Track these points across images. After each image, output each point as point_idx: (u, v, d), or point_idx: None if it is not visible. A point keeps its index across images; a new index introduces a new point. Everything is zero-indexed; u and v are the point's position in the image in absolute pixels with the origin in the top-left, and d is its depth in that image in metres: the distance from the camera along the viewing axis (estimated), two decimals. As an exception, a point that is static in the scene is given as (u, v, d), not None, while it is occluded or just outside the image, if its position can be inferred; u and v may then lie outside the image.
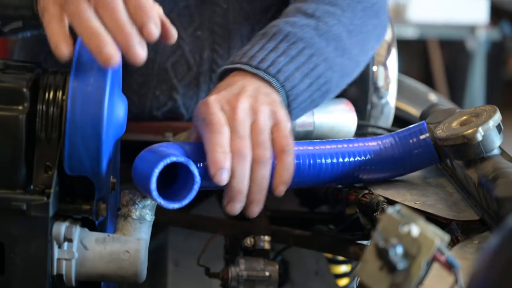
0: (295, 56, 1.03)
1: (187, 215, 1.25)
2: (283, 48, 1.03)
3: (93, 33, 0.79)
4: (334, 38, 1.07)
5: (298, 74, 1.02)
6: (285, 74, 1.01)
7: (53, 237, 0.80)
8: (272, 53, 1.02)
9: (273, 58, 1.01)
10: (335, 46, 1.07)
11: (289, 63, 1.02)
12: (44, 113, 0.81)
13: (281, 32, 1.05)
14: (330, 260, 1.40)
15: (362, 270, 0.66)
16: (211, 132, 0.89)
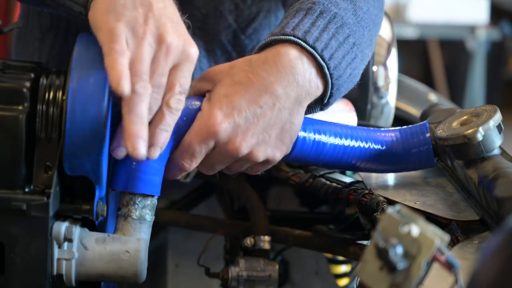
0: (342, 42, 0.97)
1: (187, 215, 1.25)
2: (333, 31, 0.96)
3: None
4: (366, 27, 1.02)
5: (344, 63, 0.97)
6: (335, 62, 0.95)
7: (53, 237, 0.80)
8: (324, 33, 0.95)
9: (326, 40, 0.95)
10: (367, 36, 1.03)
11: (338, 49, 0.96)
12: (44, 113, 0.81)
13: (328, 12, 0.98)
14: (330, 260, 1.40)
15: (362, 270, 0.66)
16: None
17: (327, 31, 0.96)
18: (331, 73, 0.94)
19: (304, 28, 0.95)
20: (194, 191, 1.31)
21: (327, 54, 0.94)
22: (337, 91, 0.97)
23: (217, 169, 0.93)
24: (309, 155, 0.98)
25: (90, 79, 0.80)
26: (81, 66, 0.81)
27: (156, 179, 0.88)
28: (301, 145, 0.96)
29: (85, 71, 0.80)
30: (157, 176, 0.88)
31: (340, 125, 1.01)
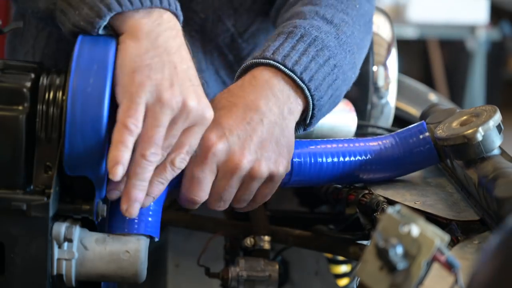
0: (322, 65, 0.99)
1: (187, 215, 1.25)
2: (312, 54, 0.99)
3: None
4: (349, 50, 1.05)
5: (325, 85, 0.99)
6: (315, 83, 0.97)
7: (53, 237, 0.80)
8: (304, 56, 0.98)
9: (305, 62, 0.98)
10: (349, 59, 1.05)
11: (318, 71, 0.98)
12: (44, 113, 0.81)
13: (308, 35, 1.00)
14: (330, 260, 1.40)
15: (362, 270, 0.66)
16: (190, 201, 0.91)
17: (306, 54, 0.98)
18: (312, 94, 0.97)
19: (284, 52, 0.97)
20: (194, 191, 1.31)
21: (306, 76, 0.96)
22: (318, 112, 0.99)
23: (226, 198, 0.94)
24: (309, 178, 1.00)
25: (90, 79, 0.80)
26: (81, 66, 0.81)
27: (154, 220, 0.88)
28: (298, 170, 0.98)
29: (85, 71, 0.80)
30: (155, 217, 0.89)
31: (335, 141, 1.02)
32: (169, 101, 0.84)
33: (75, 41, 0.84)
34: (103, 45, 0.83)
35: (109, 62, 0.81)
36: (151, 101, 0.83)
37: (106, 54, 0.82)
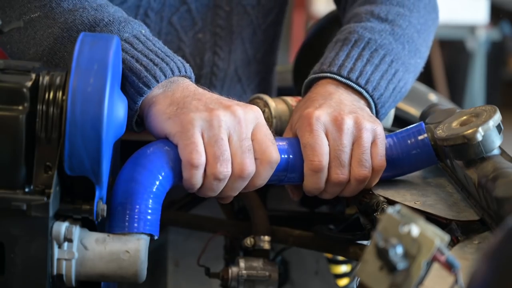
0: (378, 64, 1.08)
1: (187, 215, 1.25)
2: (367, 57, 1.08)
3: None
4: (407, 40, 1.13)
5: (383, 82, 1.08)
6: (373, 84, 1.07)
7: (53, 237, 0.80)
8: (358, 62, 1.08)
9: (360, 67, 1.07)
10: (409, 48, 1.13)
11: (374, 72, 1.08)
12: (44, 113, 0.81)
13: (362, 40, 1.10)
14: (330, 260, 1.40)
15: (362, 270, 0.66)
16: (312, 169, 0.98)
17: (361, 59, 1.08)
18: (371, 95, 1.07)
19: (339, 62, 1.08)
20: (194, 191, 1.31)
21: (362, 80, 1.06)
22: (382, 108, 1.09)
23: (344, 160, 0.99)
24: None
25: (90, 79, 0.80)
26: (81, 66, 0.81)
27: (153, 218, 0.89)
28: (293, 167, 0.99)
29: (85, 71, 0.80)
30: (154, 215, 0.89)
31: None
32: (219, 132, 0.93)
33: None
34: (103, 45, 0.83)
35: (109, 61, 0.81)
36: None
37: (106, 54, 0.82)
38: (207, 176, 0.92)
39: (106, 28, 0.99)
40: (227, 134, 0.92)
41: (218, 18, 1.27)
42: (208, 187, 0.93)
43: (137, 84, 0.95)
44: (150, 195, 0.89)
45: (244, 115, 0.94)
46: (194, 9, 1.26)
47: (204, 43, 1.27)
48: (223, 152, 0.91)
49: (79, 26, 0.99)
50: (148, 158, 0.90)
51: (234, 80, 1.32)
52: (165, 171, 0.90)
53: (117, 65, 0.88)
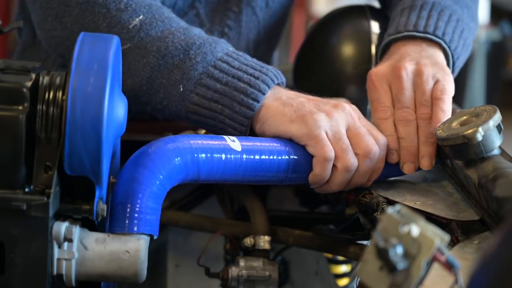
0: (448, 21, 1.15)
1: (187, 215, 1.25)
2: (436, 16, 1.15)
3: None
4: (465, 5, 1.20)
5: (456, 36, 1.14)
6: (448, 36, 1.13)
7: (53, 237, 0.80)
8: (430, 19, 1.14)
9: (433, 23, 1.14)
10: (467, 12, 1.20)
11: (447, 27, 1.14)
12: (44, 113, 0.80)
13: (427, 3, 1.16)
14: (330, 260, 1.40)
15: (362, 270, 0.66)
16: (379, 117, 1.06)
17: (432, 17, 1.14)
18: (449, 45, 1.13)
19: (413, 22, 1.14)
20: (194, 191, 1.31)
21: (439, 32, 1.13)
22: (457, 60, 1.15)
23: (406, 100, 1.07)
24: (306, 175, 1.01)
25: (90, 79, 0.80)
26: (81, 65, 0.81)
27: (153, 218, 0.89)
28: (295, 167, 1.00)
29: (85, 71, 0.80)
30: (154, 215, 0.89)
31: None
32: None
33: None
34: (103, 45, 0.83)
35: (109, 61, 0.81)
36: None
37: (106, 54, 0.82)
38: (339, 169, 0.99)
39: (200, 50, 1.04)
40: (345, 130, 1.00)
41: (227, 19, 1.28)
42: (340, 180, 0.99)
43: (247, 101, 1.01)
44: (151, 195, 0.89)
45: (350, 111, 1.02)
46: (203, 13, 1.27)
47: None
48: (348, 146, 0.99)
49: (173, 52, 1.03)
50: (149, 158, 0.90)
51: None
52: (165, 170, 0.90)
53: (117, 65, 0.88)
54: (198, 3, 1.25)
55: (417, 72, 1.06)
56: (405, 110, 1.05)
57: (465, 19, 1.18)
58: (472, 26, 1.21)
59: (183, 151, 0.92)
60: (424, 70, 1.06)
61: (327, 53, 1.32)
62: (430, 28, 1.12)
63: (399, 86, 1.06)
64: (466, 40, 1.17)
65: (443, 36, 1.13)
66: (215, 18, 1.27)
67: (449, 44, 1.13)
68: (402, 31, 1.13)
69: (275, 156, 0.98)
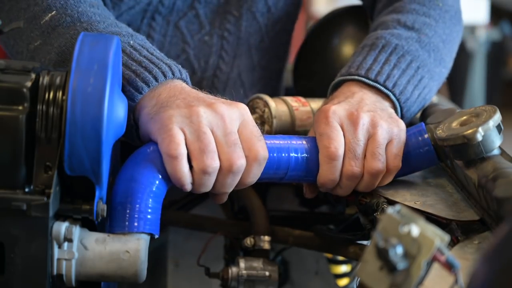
0: (405, 69, 1.10)
1: (187, 215, 1.25)
2: (394, 61, 1.10)
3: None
4: (433, 49, 1.15)
5: (409, 87, 1.10)
6: (399, 88, 1.08)
7: (53, 237, 0.80)
8: (386, 66, 1.09)
9: (387, 71, 1.09)
10: (434, 56, 1.15)
11: (401, 76, 1.09)
12: (44, 113, 0.80)
13: (389, 45, 1.12)
14: (330, 260, 1.40)
15: (362, 270, 0.66)
16: (327, 156, 0.99)
17: (388, 63, 1.10)
18: (397, 98, 1.08)
19: (367, 65, 1.09)
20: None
21: (389, 83, 1.08)
22: (407, 112, 1.10)
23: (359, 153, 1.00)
24: (305, 174, 1.01)
25: (90, 79, 0.80)
26: (81, 66, 0.81)
27: (153, 217, 0.89)
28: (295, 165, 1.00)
29: (85, 71, 0.80)
30: (155, 214, 0.89)
31: None
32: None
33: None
34: (103, 45, 0.83)
35: (109, 61, 0.81)
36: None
37: (106, 54, 0.82)
38: (196, 171, 0.90)
39: None
40: (209, 129, 0.91)
41: (227, 23, 1.27)
42: (198, 182, 0.91)
43: (129, 90, 0.95)
44: (150, 195, 0.89)
45: (228, 111, 0.93)
46: (202, 14, 1.26)
47: (210, 46, 1.27)
48: (207, 145, 0.90)
49: (70, 48, 0.99)
50: (148, 158, 0.90)
51: (237, 84, 1.32)
52: (164, 170, 0.90)
53: (117, 65, 0.88)
54: (198, 3, 1.25)
55: (373, 124, 1.01)
56: (355, 163, 0.99)
57: (428, 64, 1.13)
58: (437, 71, 1.15)
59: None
60: (379, 123, 1.01)
61: (327, 53, 1.32)
62: (382, 77, 1.08)
63: (354, 135, 1.00)
64: (424, 89, 1.12)
65: (393, 88, 1.08)
66: (215, 21, 1.27)
67: (398, 96, 1.08)
68: (353, 73, 1.09)
69: (275, 154, 0.98)
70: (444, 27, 1.19)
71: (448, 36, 1.19)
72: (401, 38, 1.13)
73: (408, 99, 1.09)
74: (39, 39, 1.03)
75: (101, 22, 1.03)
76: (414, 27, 1.16)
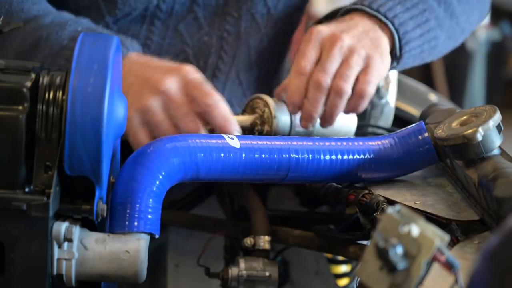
0: (410, 7, 1.13)
1: (187, 215, 1.25)
2: (400, 0, 1.13)
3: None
4: (445, 1, 1.18)
5: (412, 23, 1.13)
6: (400, 20, 1.12)
7: (53, 237, 0.80)
8: (390, 1, 1.13)
9: (391, 5, 1.12)
10: (445, 8, 1.17)
11: (405, 12, 1.12)
12: (44, 113, 0.80)
13: None
14: (330, 260, 1.39)
15: (362, 270, 0.66)
16: (296, 71, 1.05)
17: (393, 0, 1.12)
18: (396, 28, 1.11)
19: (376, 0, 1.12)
20: (194, 191, 1.31)
21: (390, 14, 1.11)
22: (406, 45, 1.12)
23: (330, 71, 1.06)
24: (306, 175, 1.00)
25: (90, 78, 0.80)
26: (81, 65, 0.81)
27: (154, 217, 0.88)
28: (296, 166, 0.99)
29: (85, 71, 0.80)
30: (155, 214, 0.89)
31: (334, 139, 1.02)
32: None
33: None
34: (103, 45, 0.83)
35: (109, 61, 0.81)
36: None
37: (106, 54, 0.82)
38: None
39: (46, 43, 1.04)
40: (162, 113, 1.01)
41: (226, 24, 1.27)
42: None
43: None
44: (151, 194, 0.89)
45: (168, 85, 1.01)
46: (201, 17, 1.26)
47: (209, 46, 1.27)
48: (164, 132, 1.00)
49: (26, 49, 1.04)
50: (148, 157, 0.90)
51: (235, 84, 1.32)
52: (165, 170, 0.90)
53: (117, 65, 0.88)
54: (197, 6, 1.25)
55: (352, 48, 1.06)
56: (323, 75, 1.04)
57: (437, 12, 1.16)
58: (447, 23, 1.18)
59: (181, 150, 0.93)
60: (358, 50, 1.06)
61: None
62: (384, 8, 1.11)
63: (329, 53, 1.05)
64: (429, 32, 1.15)
65: (393, 18, 1.11)
66: (214, 22, 1.27)
67: (397, 26, 1.11)
68: (358, 3, 1.13)
69: (276, 155, 0.98)
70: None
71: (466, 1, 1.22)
72: None
73: (408, 32, 1.12)
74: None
75: (47, 16, 1.06)
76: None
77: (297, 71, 1.06)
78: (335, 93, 1.04)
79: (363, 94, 1.06)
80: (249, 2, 1.27)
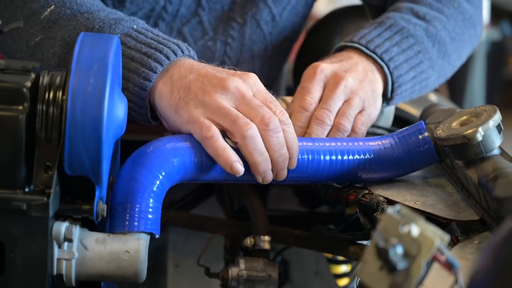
0: (406, 49, 1.16)
1: (187, 215, 1.25)
2: (396, 40, 1.16)
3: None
4: (439, 41, 1.20)
5: (405, 66, 1.15)
6: (395, 63, 1.14)
7: (53, 237, 0.80)
8: (387, 42, 1.15)
9: (387, 46, 1.14)
10: (438, 48, 1.20)
11: (400, 54, 1.15)
12: (44, 113, 0.80)
13: (396, 25, 1.17)
14: (330, 260, 1.40)
15: (362, 270, 0.66)
16: (300, 106, 1.07)
17: (390, 40, 1.15)
18: (390, 71, 1.13)
19: (370, 37, 1.15)
20: (194, 191, 1.31)
21: (386, 56, 1.13)
22: (398, 88, 1.15)
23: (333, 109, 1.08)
24: (306, 175, 1.01)
25: (90, 79, 0.80)
26: (81, 65, 0.81)
27: (154, 217, 0.88)
28: (296, 167, 0.99)
29: (85, 71, 0.80)
30: (155, 214, 0.89)
31: (334, 139, 1.03)
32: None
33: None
34: (103, 45, 0.83)
35: (109, 61, 0.81)
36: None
37: (106, 54, 0.82)
38: (238, 142, 0.94)
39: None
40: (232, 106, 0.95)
41: (231, 29, 1.28)
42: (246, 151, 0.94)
43: (138, 81, 0.98)
44: (151, 194, 0.89)
45: (241, 85, 0.97)
46: (206, 21, 1.26)
47: (213, 52, 1.27)
48: (236, 116, 0.94)
49: (74, 39, 0.99)
50: (148, 157, 0.90)
51: None
52: (165, 170, 0.90)
53: (117, 65, 0.88)
54: (202, 10, 1.25)
55: (354, 90, 1.08)
56: (327, 113, 1.06)
57: (431, 53, 1.18)
58: (439, 63, 1.20)
59: (181, 151, 0.93)
60: (359, 92, 1.09)
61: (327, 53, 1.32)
62: (380, 50, 1.14)
63: (333, 92, 1.07)
64: (421, 74, 1.17)
65: (389, 61, 1.13)
66: (218, 27, 1.27)
67: (392, 70, 1.14)
68: (355, 41, 1.14)
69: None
70: (455, 25, 1.23)
71: (458, 35, 1.23)
72: (410, 23, 1.18)
73: (402, 76, 1.14)
74: (39, 35, 1.04)
75: (101, 11, 1.05)
76: (425, 18, 1.20)
77: (301, 107, 1.07)
78: (337, 130, 1.07)
79: (359, 133, 1.09)
80: (254, 8, 1.27)
